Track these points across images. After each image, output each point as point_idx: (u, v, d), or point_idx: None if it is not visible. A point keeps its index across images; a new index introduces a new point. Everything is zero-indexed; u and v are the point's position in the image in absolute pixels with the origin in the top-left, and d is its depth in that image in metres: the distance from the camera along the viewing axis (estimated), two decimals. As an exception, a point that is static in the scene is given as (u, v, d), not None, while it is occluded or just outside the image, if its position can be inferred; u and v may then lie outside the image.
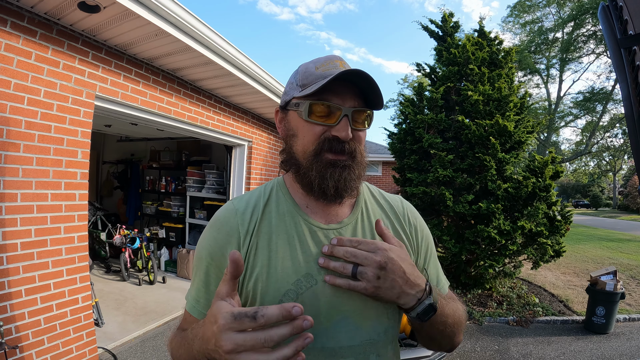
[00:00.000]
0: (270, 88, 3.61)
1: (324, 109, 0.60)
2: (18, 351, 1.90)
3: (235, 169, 4.49)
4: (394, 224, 0.71)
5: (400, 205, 0.76)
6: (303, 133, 0.62)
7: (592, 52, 16.78)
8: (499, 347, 3.29)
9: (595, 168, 30.93)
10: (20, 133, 1.92)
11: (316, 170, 0.60)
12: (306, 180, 0.63)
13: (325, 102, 0.59)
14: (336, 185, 0.60)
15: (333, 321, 0.59)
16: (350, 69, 0.58)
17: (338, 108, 0.59)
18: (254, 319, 0.40)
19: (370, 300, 0.61)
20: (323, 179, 0.60)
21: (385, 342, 0.63)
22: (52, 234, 2.12)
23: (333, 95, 0.59)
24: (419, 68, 5.25)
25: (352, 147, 0.61)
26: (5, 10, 1.84)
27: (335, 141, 0.60)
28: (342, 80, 0.59)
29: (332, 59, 0.63)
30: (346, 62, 0.64)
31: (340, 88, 0.60)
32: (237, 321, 0.40)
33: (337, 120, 0.59)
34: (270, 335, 0.40)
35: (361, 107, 0.61)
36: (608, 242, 9.67)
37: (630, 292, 4.87)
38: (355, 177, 0.62)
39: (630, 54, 0.56)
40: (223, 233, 0.63)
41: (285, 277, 0.59)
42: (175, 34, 2.30)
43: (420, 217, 0.77)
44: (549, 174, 3.96)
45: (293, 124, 0.64)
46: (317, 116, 0.60)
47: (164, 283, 4.69)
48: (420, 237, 0.73)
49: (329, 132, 0.60)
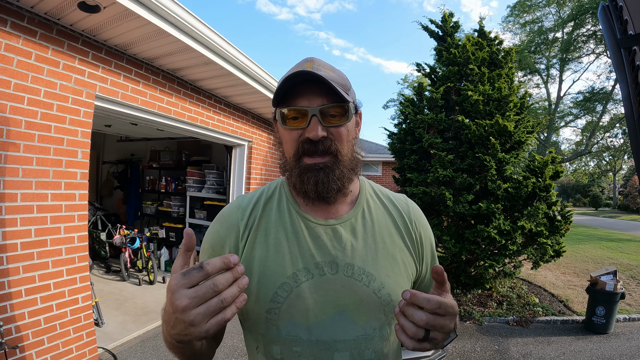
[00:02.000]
0: (270, 88, 3.61)
1: (293, 113, 0.61)
2: (18, 351, 1.90)
3: (235, 169, 4.49)
4: (398, 225, 0.71)
5: (405, 205, 0.75)
6: (285, 139, 0.64)
7: (592, 52, 16.76)
8: (499, 347, 3.29)
9: (595, 168, 30.91)
10: (20, 133, 1.92)
11: (296, 175, 0.63)
12: (292, 184, 0.66)
13: (292, 106, 0.61)
14: (314, 188, 0.61)
15: (329, 315, 0.61)
16: (306, 70, 0.58)
17: (305, 109, 0.60)
18: (201, 268, 0.42)
19: (367, 296, 0.62)
20: (302, 183, 0.62)
21: (380, 338, 0.64)
22: (52, 234, 2.12)
23: (300, 99, 0.60)
24: (419, 68, 5.25)
25: (327, 145, 0.61)
26: (5, 10, 1.84)
27: (308, 142, 0.60)
28: (307, 81, 0.59)
29: (302, 62, 0.62)
30: (320, 62, 0.62)
31: (306, 90, 0.60)
32: (186, 277, 0.42)
33: (307, 122, 0.60)
34: (217, 279, 0.42)
35: (331, 103, 0.60)
36: (608, 242, 9.66)
37: (630, 292, 4.86)
38: (336, 177, 0.62)
39: (630, 54, 0.56)
40: (225, 227, 0.67)
41: (281, 271, 0.62)
42: (175, 34, 2.30)
43: (425, 218, 0.77)
44: (549, 174, 3.96)
45: (279, 132, 0.67)
46: (290, 121, 0.62)
47: (164, 283, 4.69)
48: (424, 244, 0.73)
49: (304, 135, 0.61)
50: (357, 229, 0.67)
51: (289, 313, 0.60)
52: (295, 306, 0.60)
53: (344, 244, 0.65)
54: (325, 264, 0.63)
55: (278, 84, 0.62)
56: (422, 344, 0.51)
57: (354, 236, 0.66)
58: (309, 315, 0.60)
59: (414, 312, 0.50)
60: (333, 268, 0.63)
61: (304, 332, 0.60)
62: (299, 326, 0.60)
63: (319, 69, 0.59)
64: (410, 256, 0.70)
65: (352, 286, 0.62)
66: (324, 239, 0.65)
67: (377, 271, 0.64)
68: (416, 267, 0.71)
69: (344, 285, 0.62)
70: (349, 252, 0.64)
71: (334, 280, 0.62)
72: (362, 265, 0.64)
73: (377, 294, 0.63)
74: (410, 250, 0.70)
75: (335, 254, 0.64)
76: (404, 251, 0.69)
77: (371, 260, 0.65)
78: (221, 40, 2.66)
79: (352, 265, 0.63)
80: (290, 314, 0.60)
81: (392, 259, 0.67)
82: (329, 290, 0.61)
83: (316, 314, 0.60)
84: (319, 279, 0.62)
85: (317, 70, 0.58)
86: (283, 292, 0.61)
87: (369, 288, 0.63)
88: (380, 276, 0.64)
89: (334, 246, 0.64)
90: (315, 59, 0.64)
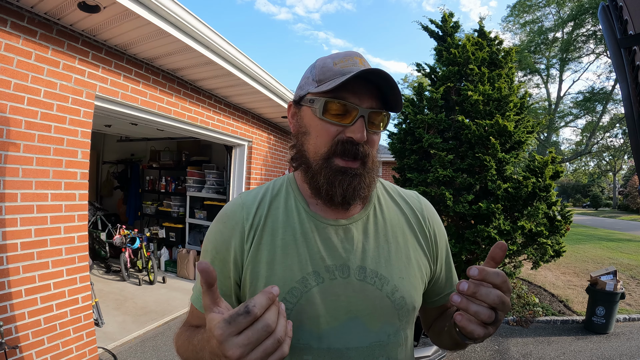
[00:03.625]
0: (270, 88, 3.61)
1: (340, 107, 0.56)
2: (18, 351, 1.90)
3: (235, 169, 4.49)
4: (411, 223, 0.68)
5: (417, 202, 0.72)
6: (316, 132, 0.59)
7: (592, 52, 16.76)
8: (499, 347, 3.29)
9: (595, 168, 30.90)
10: (21, 133, 1.92)
11: (325, 177, 0.58)
12: (314, 184, 0.60)
13: (342, 100, 0.56)
14: (344, 193, 0.57)
15: (341, 321, 0.58)
16: (370, 67, 0.55)
17: (355, 108, 0.56)
18: (248, 313, 0.38)
19: (380, 301, 0.59)
20: (331, 186, 0.58)
21: (395, 344, 0.61)
22: (52, 234, 2.12)
23: (350, 94, 0.56)
24: (418, 68, 5.25)
25: (366, 151, 0.58)
26: (5, 10, 1.84)
27: (349, 143, 0.56)
28: (362, 79, 0.55)
29: (352, 55, 0.59)
30: (366, 59, 0.61)
31: (358, 87, 0.56)
32: (232, 325, 0.38)
33: (352, 121, 0.56)
34: (268, 319, 0.39)
35: (379, 108, 0.58)
36: (608, 242, 9.66)
37: (630, 292, 4.86)
38: (366, 185, 0.59)
39: (630, 54, 0.56)
40: (228, 227, 0.62)
41: (290, 275, 0.58)
42: (175, 34, 2.30)
43: (437, 216, 0.74)
44: (549, 174, 3.96)
45: (306, 120, 0.61)
46: (331, 115, 0.57)
47: (164, 283, 4.69)
48: (439, 243, 0.70)
49: (343, 134, 0.57)
50: (369, 228, 0.64)
51: (298, 320, 0.56)
52: (305, 312, 0.57)
53: (356, 245, 0.61)
54: (336, 268, 0.59)
55: (321, 70, 0.58)
56: (490, 329, 0.48)
57: (365, 236, 0.63)
58: (319, 321, 0.57)
59: (488, 291, 0.46)
60: (344, 272, 0.59)
61: (315, 339, 0.57)
62: (309, 333, 0.57)
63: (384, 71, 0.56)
64: (425, 256, 0.67)
65: (364, 290, 0.59)
66: (335, 240, 0.61)
67: (391, 273, 0.61)
68: (430, 267, 0.68)
69: (355, 289, 0.59)
70: (360, 254, 0.61)
71: (345, 284, 0.59)
72: (375, 267, 0.60)
73: (391, 298, 0.60)
74: (424, 249, 0.67)
75: (347, 256, 0.60)
76: (418, 251, 0.66)
77: (384, 262, 0.61)
78: (221, 40, 2.65)
79: (364, 268, 0.60)
80: (299, 321, 0.56)
81: (406, 259, 0.64)
82: (341, 295, 0.58)
83: (327, 321, 0.57)
84: (329, 283, 0.58)
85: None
86: (292, 297, 0.57)
87: (382, 292, 0.59)
88: (393, 279, 0.61)
89: (345, 248, 0.61)
90: (362, 55, 0.60)
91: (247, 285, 0.59)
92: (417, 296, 0.64)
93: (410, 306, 0.62)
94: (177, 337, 0.64)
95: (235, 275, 0.61)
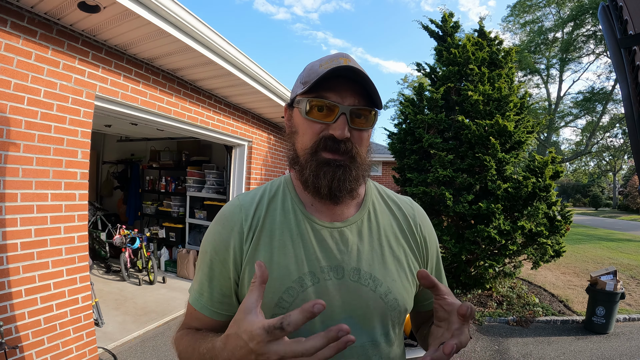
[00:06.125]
0: (270, 88, 3.61)
1: (321, 105, 0.58)
2: (18, 351, 1.90)
3: (235, 169, 4.49)
4: (403, 228, 0.70)
5: (410, 209, 0.74)
6: (303, 130, 0.62)
7: (592, 52, 16.76)
8: (499, 347, 3.29)
9: (595, 168, 30.91)
10: (21, 133, 1.92)
11: (310, 169, 0.60)
12: (303, 178, 0.62)
13: (323, 99, 0.58)
14: (329, 184, 0.59)
15: (336, 321, 0.59)
16: (345, 64, 0.56)
17: (335, 105, 0.58)
18: (282, 329, 0.40)
19: (374, 301, 0.61)
20: (316, 178, 0.59)
21: (387, 343, 0.63)
22: (52, 234, 2.12)
23: (332, 93, 0.58)
24: (419, 68, 5.25)
25: (349, 147, 0.59)
26: (5, 10, 1.84)
27: (331, 140, 0.58)
28: (341, 77, 0.57)
29: (337, 56, 0.61)
30: (353, 59, 0.62)
31: (340, 86, 0.58)
32: (270, 334, 0.41)
33: (334, 118, 0.58)
34: (309, 346, 0.40)
35: (363, 105, 0.59)
36: (608, 242, 9.66)
37: (630, 292, 4.86)
38: (352, 178, 0.60)
39: (630, 54, 0.56)
40: (227, 228, 0.63)
41: (287, 274, 0.59)
42: (175, 34, 2.30)
43: (429, 222, 0.76)
44: (549, 174, 3.96)
45: (295, 121, 0.64)
46: (315, 113, 0.59)
47: (164, 283, 4.70)
48: (430, 248, 0.72)
49: (327, 131, 0.59)
50: (363, 231, 0.65)
51: None
52: None
53: (350, 247, 0.63)
54: (331, 269, 0.61)
55: (308, 73, 0.61)
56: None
57: (360, 239, 0.64)
58: (315, 321, 0.58)
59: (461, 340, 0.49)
60: (339, 273, 0.61)
61: None
62: (304, 332, 0.58)
63: (358, 67, 0.57)
64: (416, 260, 0.69)
65: (358, 291, 0.60)
66: (330, 242, 0.62)
67: (384, 276, 0.63)
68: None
69: (350, 290, 0.60)
70: (355, 256, 0.62)
71: (339, 285, 0.60)
72: (369, 269, 0.62)
73: (384, 299, 0.61)
74: (415, 254, 0.69)
75: (341, 257, 0.62)
76: (409, 255, 0.68)
77: (377, 264, 0.63)
78: (221, 40, 2.65)
79: (358, 270, 0.62)
80: None
81: (399, 263, 0.66)
82: (335, 295, 0.59)
83: (322, 320, 0.58)
84: (324, 283, 0.60)
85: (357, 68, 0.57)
86: (289, 296, 0.58)
87: (375, 293, 0.61)
88: (387, 281, 0.62)
89: (340, 250, 0.62)
90: (350, 56, 0.62)
91: (246, 284, 0.60)
92: (408, 299, 0.66)
93: (402, 308, 0.63)
94: (177, 341, 0.64)
95: (234, 275, 0.62)
